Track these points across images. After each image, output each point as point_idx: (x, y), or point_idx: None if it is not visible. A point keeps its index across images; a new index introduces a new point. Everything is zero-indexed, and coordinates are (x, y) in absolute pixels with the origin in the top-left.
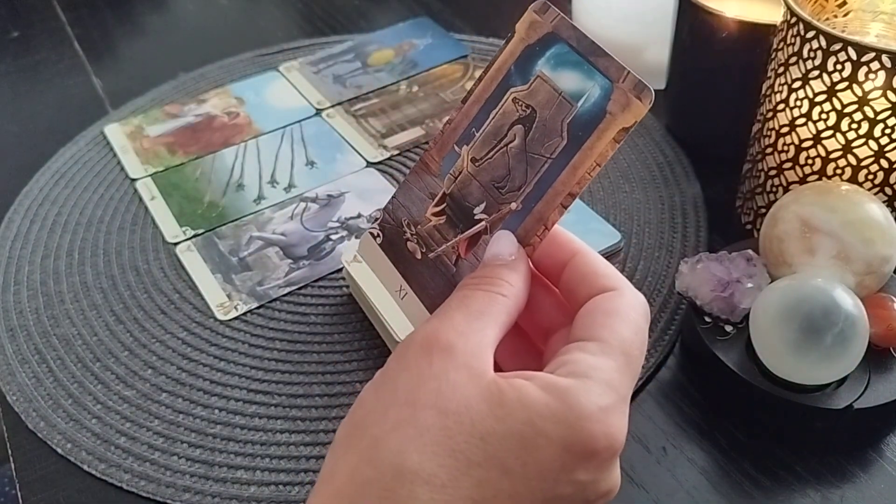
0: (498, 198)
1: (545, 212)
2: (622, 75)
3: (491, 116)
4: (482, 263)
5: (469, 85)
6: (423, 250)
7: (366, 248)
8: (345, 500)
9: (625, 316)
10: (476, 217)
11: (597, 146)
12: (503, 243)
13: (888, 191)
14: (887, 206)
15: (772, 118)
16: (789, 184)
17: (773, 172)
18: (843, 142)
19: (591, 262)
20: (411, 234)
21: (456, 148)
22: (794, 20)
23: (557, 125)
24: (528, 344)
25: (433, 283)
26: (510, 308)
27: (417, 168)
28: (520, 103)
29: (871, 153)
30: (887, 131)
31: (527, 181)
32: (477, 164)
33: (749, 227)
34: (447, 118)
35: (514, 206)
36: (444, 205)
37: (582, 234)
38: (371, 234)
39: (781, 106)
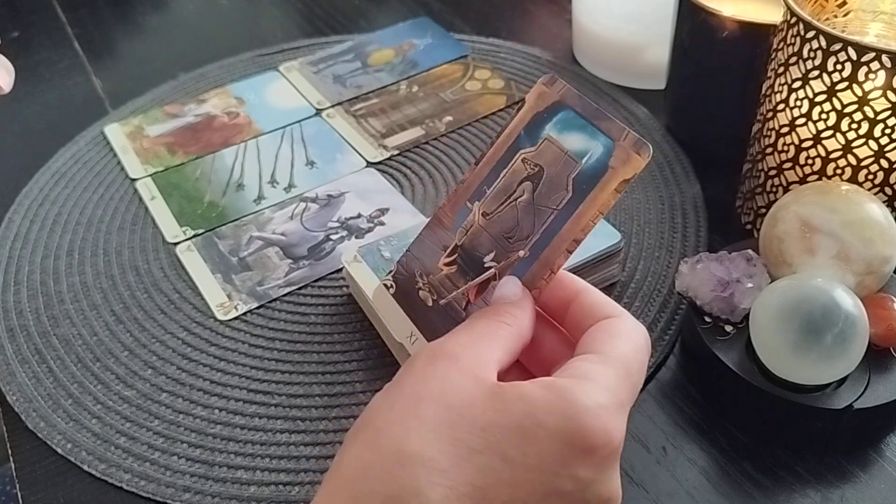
0: (507, 247)
1: (551, 257)
2: (623, 135)
3: (501, 175)
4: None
5: (469, 85)
6: (435, 298)
7: (379, 298)
8: (349, 485)
9: (626, 337)
10: (486, 265)
11: (600, 196)
12: (508, 286)
13: (888, 191)
14: (887, 206)
15: (772, 118)
16: (789, 184)
17: (773, 172)
18: (843, 142)
19: (596, 297)
20: (423, 284)
21: (468, 204)
22: (794, 20)
23: (563, 180)
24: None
25: (444, 328)
26: (514, 336)
27: (431, 223)
28: (529, 163)
29: (871, 153)
30: (887, 131)
31: (534, 230)
32: (487, 217)
33: (749, 227)
34: (461, 178)
35: (521, 253)
36: (456, 255)
37: None
38: (385, 285)
39: (781, 106)
